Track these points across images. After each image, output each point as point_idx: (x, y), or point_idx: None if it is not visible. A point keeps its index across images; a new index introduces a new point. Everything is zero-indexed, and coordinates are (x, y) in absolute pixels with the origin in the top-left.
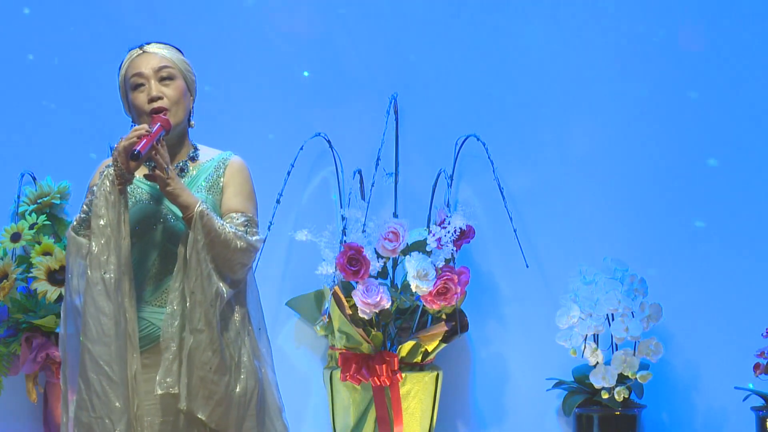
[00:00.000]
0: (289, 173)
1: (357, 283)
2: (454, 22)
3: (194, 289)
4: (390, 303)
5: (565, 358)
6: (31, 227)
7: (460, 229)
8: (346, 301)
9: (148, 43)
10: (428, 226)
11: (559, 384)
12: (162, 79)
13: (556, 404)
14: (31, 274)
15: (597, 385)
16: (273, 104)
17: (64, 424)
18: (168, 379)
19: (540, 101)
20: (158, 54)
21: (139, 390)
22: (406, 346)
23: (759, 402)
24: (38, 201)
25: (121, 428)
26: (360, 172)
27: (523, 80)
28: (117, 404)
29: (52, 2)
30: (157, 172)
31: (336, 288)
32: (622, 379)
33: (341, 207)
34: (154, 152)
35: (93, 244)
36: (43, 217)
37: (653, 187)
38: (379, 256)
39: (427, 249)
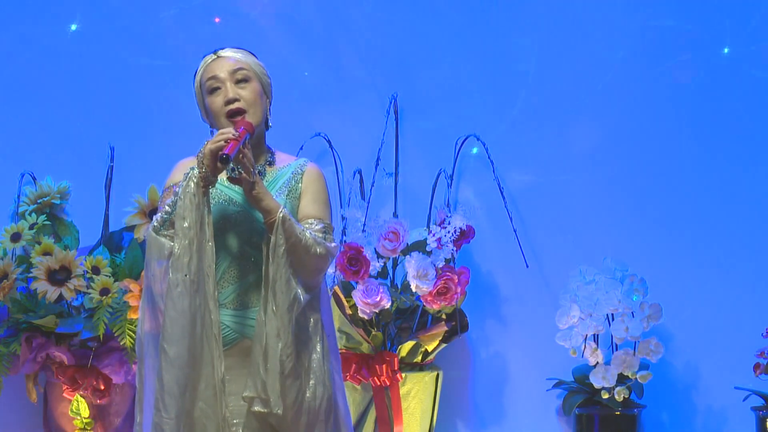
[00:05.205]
0: None
1: (357, 283)
2: (454, 23)
3: (275, 293)
4: (390, 303)
5: (565, 358)
6: (31, 227)
7: (460, 229)
8: (346, 301)
9: (222, 48)
10: (428, 226)
11: (559, 384)
12: (237, 82)
13: (556, 404)
14: (31, 274)
15: (597, 385)
16: (273, 104)
17: (138, 424)
18: (259, 384)
19: (540, 101)
20: (232, 58)
21: (225, 391)
22: (406, 346)
23: (759, 402)
24: (38, 201)
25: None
26: (360, 172)
27: (523, 80)
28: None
29: (51, 3)
30: (244, 175)
31: (336, 288)
32: (622, 379)
33: (341, 207)
34: (241, 156)
35: (176, 245)
36: (43, 217)
37: (653, 187)
38: (379, 256)
39: (427, 249)
